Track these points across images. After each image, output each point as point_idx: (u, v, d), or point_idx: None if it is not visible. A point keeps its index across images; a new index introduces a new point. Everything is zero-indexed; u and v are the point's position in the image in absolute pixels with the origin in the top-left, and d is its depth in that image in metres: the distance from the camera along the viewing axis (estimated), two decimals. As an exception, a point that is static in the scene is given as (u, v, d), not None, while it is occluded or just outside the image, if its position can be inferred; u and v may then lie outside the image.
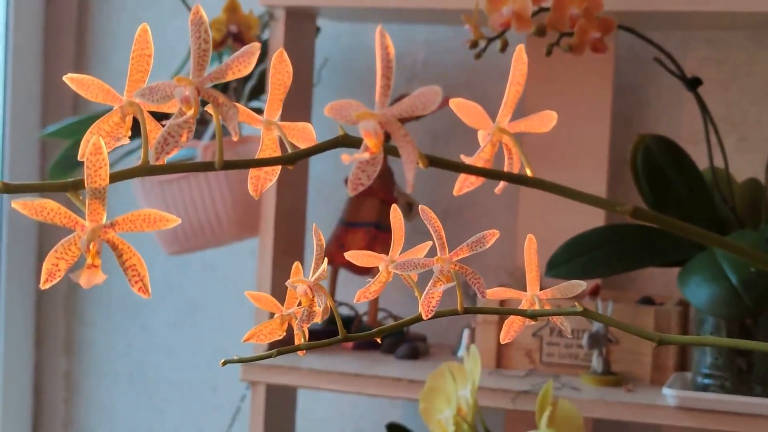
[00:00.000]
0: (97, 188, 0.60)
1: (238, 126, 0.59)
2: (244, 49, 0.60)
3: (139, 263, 0.62)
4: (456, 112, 0.65)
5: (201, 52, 0.61)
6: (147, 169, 0.62)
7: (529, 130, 0.68)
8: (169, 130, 0.60)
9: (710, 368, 1.73)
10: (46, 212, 0.60)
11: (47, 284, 0.61)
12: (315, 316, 0.86)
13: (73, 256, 0.61)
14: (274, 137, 0.69)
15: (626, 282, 2.10)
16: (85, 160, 0.60)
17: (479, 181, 0.67)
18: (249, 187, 0.69)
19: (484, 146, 0.67)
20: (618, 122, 2.08)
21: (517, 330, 0.89)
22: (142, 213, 0.61)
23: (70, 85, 0.65)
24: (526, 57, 0.67)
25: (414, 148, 0.58)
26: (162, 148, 0.60)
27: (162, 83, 0.61)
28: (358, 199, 2.10)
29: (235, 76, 0.60)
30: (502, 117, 0.68)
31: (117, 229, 0.61)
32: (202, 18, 0.60)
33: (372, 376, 1.87)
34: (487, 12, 1.64)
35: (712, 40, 2.07)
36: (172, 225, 0.60)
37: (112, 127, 0.66)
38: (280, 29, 1.96)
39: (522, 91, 0.68)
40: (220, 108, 0.60)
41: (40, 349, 2.53)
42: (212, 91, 0.60)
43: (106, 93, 0.66)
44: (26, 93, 2.44)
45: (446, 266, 0.83)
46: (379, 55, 0.59)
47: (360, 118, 0.58)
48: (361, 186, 0.60)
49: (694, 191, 1.72)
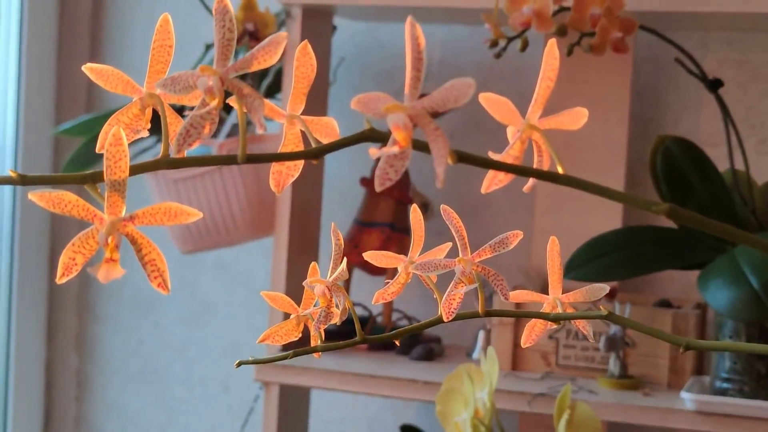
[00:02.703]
0: (116, 180, 0.58)
1: (263, 119, 0.58)
2: (270, 39, 0.58)
3: (158, 258, 0.60)
4: (486, 107, 0.64)
5: (225, 42, 0.59)
6: (167, 162, 0.61)
7: (560, 127, 0.66)
8: (191, 122, 0.58)
9: (729, 372, 1.71)
10: (64, 204, 0.58)
11: (64, 278, 0.60)
12: (333, 317, 0.84)
13: (91, 250, 0.59)
14: (297, 132, 0.68)
15: (643, 284, 2.08)
16: (105, 151, 0.58)
17: (508, 178, 0.65)
18: (271, 182, 0.67)
19: (514, 143, 0.65)
20: (636, 123, 2.06)
21: (539, 333, 0.87)
22: (162, 206, 0.59)
23: (88, 75, 0.64)
24: (558, 52, 0.65)
25: (445, 143, 0.56)
26: (184, 140, 0.58)
27: (184, 73, 0.59)
28: (374, 199, 2.08)
29: (261, 66, 0.58)
30: (532, 113, 0.66)
31: (136, 223, 0.59)
32: (227, 7, 0.59)
33: (387, 377, 1.86)
34: (507, 11, 1.62)
35: (732, 42, 2.05)
36: (192, 219, 0.59)
37: (131, 119, 0.65)
38: (297, 27, 1.95)
39: (553, 87, 0.66)
40: (245, 99, 0.58)
41: (52, 346, 2.51)
42: (237, 81, 0.59)
43: (126, 84, 0.65)
44: (40, 90, 2.43)
45: (468, 267, 0.81)
46: (409, 46, 0.57)
47: (389, 111, 0.56)
48: (388, 181, 0.58)
49: (715, 194, 1.71)
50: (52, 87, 2.45)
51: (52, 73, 2.45)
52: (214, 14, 0.59)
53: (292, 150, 0.67)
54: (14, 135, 2.39)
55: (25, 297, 2.43)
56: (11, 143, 2.39)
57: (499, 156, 0.65)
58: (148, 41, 2.49)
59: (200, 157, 0.60)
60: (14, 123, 2.39)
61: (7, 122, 2.39)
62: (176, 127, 0.65)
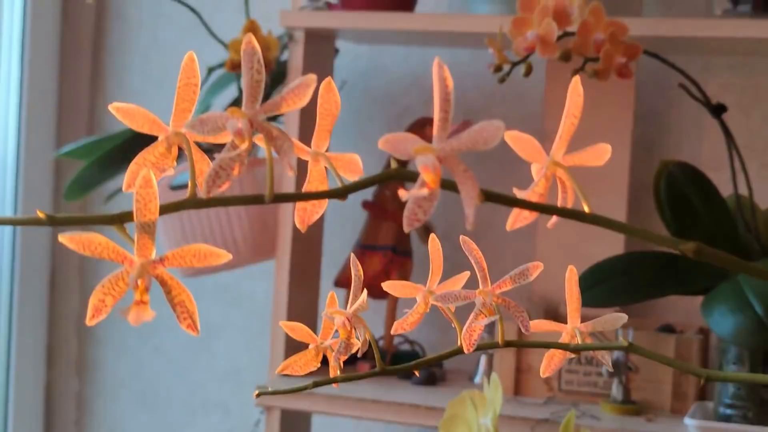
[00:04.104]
0: (146, 222, 0.58)
1: (293, 161, 0.58)
2: (300, 81, 0.58)
3: (188, 299, 0.60)
4: (511, 146, 0.64)
5: (254, 83, 0.59)
6: (195, 202, 0.61)
7: (584, 164, 0.67)
8: (220, 164, 0.58)
9: (732, 398, 1.71)
10: (94, 246, 0.58)
11: (94, 320, 0.60)
12: (352, 348, 0.84)
13: (121, 292, 0.60)
14: (322, 168, 0.68)
15: (645, 309, 2.08)
16: (135, 194, 0.58)
17: (533, 216, 0.65)
18: (296, 219, 0.67)
19: (538, 180, 0.65)
20: (638, 147, 2.07)
21: (558, 363, 0.87)
22: (192, 248, 0.59)
23: (116, 114, 0.64)
24: (581, 89, 0.65)
25: (475, 184, 0.56)
26: (213, 182, 0.58)
27: (213, 114, 0.60)
28: (376, 223, 2.09)
29: (290, 108, 0.59)
30: (557, 150, 0.66)
31: (166, 265, 0.59)
32: (255, 48, 0.59)
33: (390, 402, 1.85)
34: (511, 36, 1.62)
35: (734, 66, 2.06)
36: (222, 261, 0.58)
37: (157, 158, 0.65)
38: (300, 50, 1.95)
39: (577, 124, 0.66)
40: (274, 141, 0.58)
41: (52, 369, 2.51)
42: (266, 123, 0.59)
43: (152, 122, 0.65)
44: (41, 112, 2.43)
45: (489, 299, 0.81)
46: (437, 88, 0.57)
47: (418, 152, 0.56)
48: (417, 222, 0.58)
49: (718, 219, 1.71)
50: (53, 109, 2.45)
51: (54, 95, 2.45)
52: (243, 55, 0.59)
53: (317, 186, 0.67)
54: (15, 157, 2.39)
55: (26, 319, 2.43)
56: (12, 165, 2.39)
57: (524, 193, 0.65)
58: (149, 64, 2.49)
59: (228, 197, 0.60)
60: (15, 145, 2.39)
61: (8, 144, 2.38)
62: (201, 164, 0.65)
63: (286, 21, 1.96)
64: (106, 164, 2.02)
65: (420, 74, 2.23)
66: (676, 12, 2.07)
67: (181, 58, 2.19)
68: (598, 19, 1.58)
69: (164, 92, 2.40)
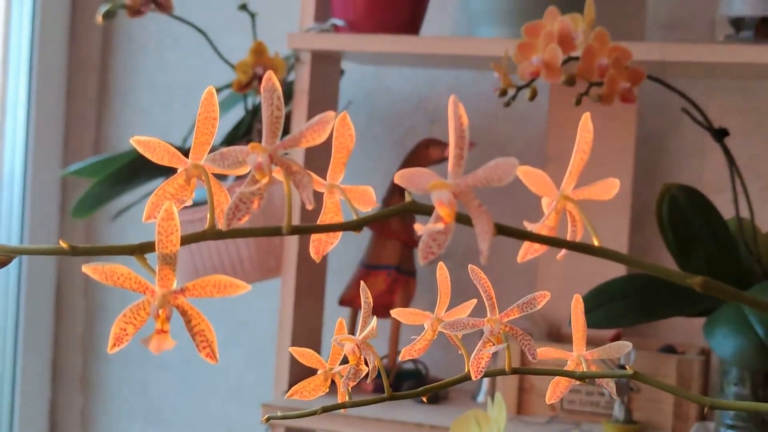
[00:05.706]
0: (168, 254, 0.60)
1: (311, 195, 0.59)
2: (320, 118, 0.60)
3: (207, 329, 0.62)
4: (523, 180, 0.65)
5: (274, 119, 0.61)
6: (215, 233, 0.62)
7: (593, 198, 0.68)
8: (240, 197, 0.60)
9: (734, 419, 1.72)
10: (116, 277, 0.60)
11: (115, 348, 0.61)
12: (361, 374, 0.85)
13: (142, 321, 0.61)
14: (337, 200, 0.69)
15: (647, 329, 2.10)
16: (157, 225, 0.59)
17: (543, 248, 0.67)
18: (311, 250, 0.69)
19: (549, 214, 0.67)
20: (640, 170, 2.08)
21: (563, 390, 0.89)
22: (212, 279, 0.61)
23: (136, 147, 0.65)
24: (591, 125, 0.67)
25: (489, 219, 0.58)
26: (233, 215, 0.60)
27: (233, 149, 0.61)
28: (380, 242, 2.10)
29: (309, 144, 0.60)
30: (566, 185, 0.68)
31: (187, 295, 0.61)
32: (275, 85, 0.60)
33: (393, 420, 1.87)
34: (516, 60, 1.64)
35: (736, 88, 2.07)
36: (241, 292, 0.60)
37: (176, 189, 0.66)
38: (306, 72, 1.97)
39: (587, 159, 0.68)
40: (294, 176, 0.60)
41: (57, 385, 2.52)
42: (286, 158, 0.60)
43: (172, 155, 0.66)
44: (48, 130, 2.44)
45: (497, 327, 0.83)
46: (452, 124, 0.59)
47: (434, 188, 0.58)
48: (431, 255, 0.59)
49: (720, 242, 1.72)
50: (60, 127, 2.47)
51: (61, 114, 2.47)
52: (262, 92, 0.61)
53: (331, 218, 0.69)
54: (22, 174, 2.41)
55: (31, 336, 2.44)
56: (19, 182, 2.40)
57: (534, 226, 0.67)
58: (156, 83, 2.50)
59: (247, 229, 0.62)
60: (22, 162, 2.41)
61: (15, 161, 2.40)
62: (219, 196, 0.67)
63: (294, 43, 1.98)
64: (113, 182, 2.04)
65: (424, 95, 2.25)
66: (678, 37, 2.09)
67: (187, 78, 2.23)
68: (603, 44, 1.60)
69: (171, 111, 2.41)
